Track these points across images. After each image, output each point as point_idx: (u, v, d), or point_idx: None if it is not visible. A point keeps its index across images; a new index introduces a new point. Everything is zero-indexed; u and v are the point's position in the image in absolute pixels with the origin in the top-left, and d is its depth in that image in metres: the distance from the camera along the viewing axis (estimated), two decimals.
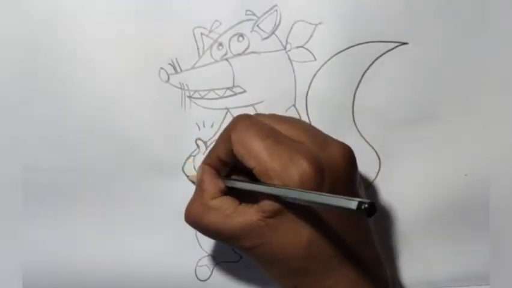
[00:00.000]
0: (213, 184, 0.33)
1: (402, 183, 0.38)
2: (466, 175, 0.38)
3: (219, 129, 0.37)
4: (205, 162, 0.34)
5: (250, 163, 0.30)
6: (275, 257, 0.31)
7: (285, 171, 0.29)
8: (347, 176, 0.31)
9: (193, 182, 0.37)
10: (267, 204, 0.30)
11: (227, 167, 0.33)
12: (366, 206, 0.24)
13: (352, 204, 0.25)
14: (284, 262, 0.31)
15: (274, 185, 0.29)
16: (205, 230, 0.32)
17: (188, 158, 0.37)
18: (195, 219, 0.32)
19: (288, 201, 0.29)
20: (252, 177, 0.31)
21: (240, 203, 0.32)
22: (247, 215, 0.30)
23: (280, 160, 0.30)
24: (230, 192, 0.33)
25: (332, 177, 0.30)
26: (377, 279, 0.32)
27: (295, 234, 0.30)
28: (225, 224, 0.31)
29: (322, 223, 0.30)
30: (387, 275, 0.34)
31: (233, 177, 0.34)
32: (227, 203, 0.32)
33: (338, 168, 0.31)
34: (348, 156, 0.32)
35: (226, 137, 0.32)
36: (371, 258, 0.33)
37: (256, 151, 0.30)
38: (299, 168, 0.29)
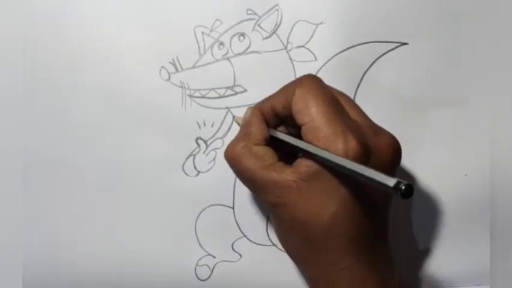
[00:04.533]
0: (260, 129, 0.33)
1: None
2: (466, 175, 0.38)
3: (219, 128, 0.37)
4: (257, 106, 0.34)
5: (304, 119, 0.31)
6: (296, 221, 0.31)
7: (333, 139, 0.29)
8: (390, 167, 0.31)
9: (239, 124, 0.37)
10: (304, 166, 0.30)
11: (276, 119, 0.34)
12: (403, 186, 0.25)
13: (390, 181, 0.25)
14: (304, 229, 0.31)
15: (318, 146, 0.29)
16: (239, 172, 0.32)
17: (188, 157, 0.37)
18: (235, 158, 0.32)
19: (324, 168, 0.29)
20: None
21: (279, 160, 0.32)
22: (283, 173, 0.31)
23: (333, 128, 0.30)
24: (271, 146, 0.33)
25: (376, 164, 0.30)
26: (388, 272, 0.32)
27: (322, 204, 0.30)
28: (261, 174, 0.31)
29: (350, 203, 0.30)
30: (396, 273, 0.34)
31: (279, 129, 0.34)
32: (268, 154, 0.32)
33: (383, 158, 0.31)
34: (396, 148, 0.32)
35: (289, 89, 0.32)
36: (386, 251, 0.33)
37: (314, 110, 0.30)
38: (348, 143, 0.29)
